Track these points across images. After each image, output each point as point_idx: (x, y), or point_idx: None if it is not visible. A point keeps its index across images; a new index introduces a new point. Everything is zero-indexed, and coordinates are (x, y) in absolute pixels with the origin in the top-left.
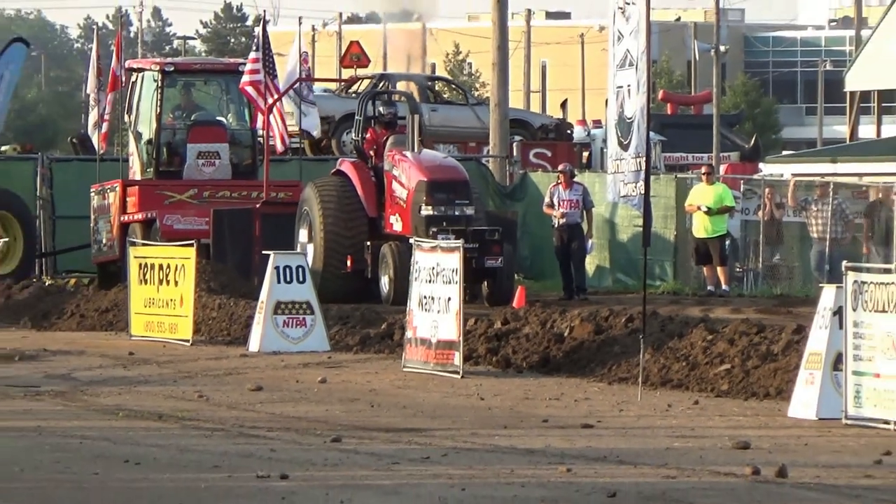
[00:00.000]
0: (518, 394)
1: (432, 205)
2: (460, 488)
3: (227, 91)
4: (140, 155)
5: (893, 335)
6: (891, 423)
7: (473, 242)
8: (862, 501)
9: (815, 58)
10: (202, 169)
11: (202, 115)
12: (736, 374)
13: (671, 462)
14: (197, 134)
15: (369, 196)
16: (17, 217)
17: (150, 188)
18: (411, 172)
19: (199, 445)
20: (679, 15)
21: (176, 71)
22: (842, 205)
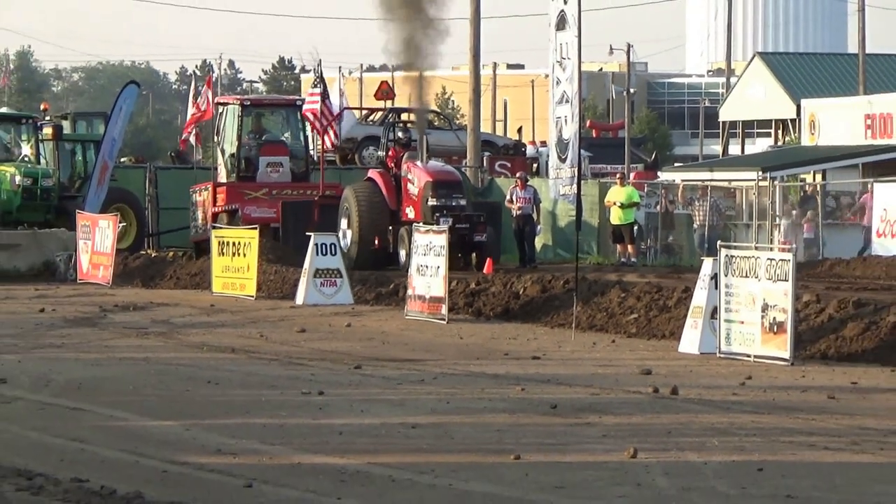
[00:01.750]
0: (487, 335)
1: (436, 198)
2: (446, 401)
3: (287, 119)
4: (225, 165)
5: (753, 293)
6: (751, 356)
7: (465, 223)
8: (731, 411)
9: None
10: (270, 175)
11: (270, 137)
12: (642, 321)
13: (596, 384)
14: (266, 150)
15: (391, 195)
16: (132, 208)
17: (234, 188)
18: (421, 175)
19: (261, 371)
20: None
21: (251, 105)
22: (716, 201)
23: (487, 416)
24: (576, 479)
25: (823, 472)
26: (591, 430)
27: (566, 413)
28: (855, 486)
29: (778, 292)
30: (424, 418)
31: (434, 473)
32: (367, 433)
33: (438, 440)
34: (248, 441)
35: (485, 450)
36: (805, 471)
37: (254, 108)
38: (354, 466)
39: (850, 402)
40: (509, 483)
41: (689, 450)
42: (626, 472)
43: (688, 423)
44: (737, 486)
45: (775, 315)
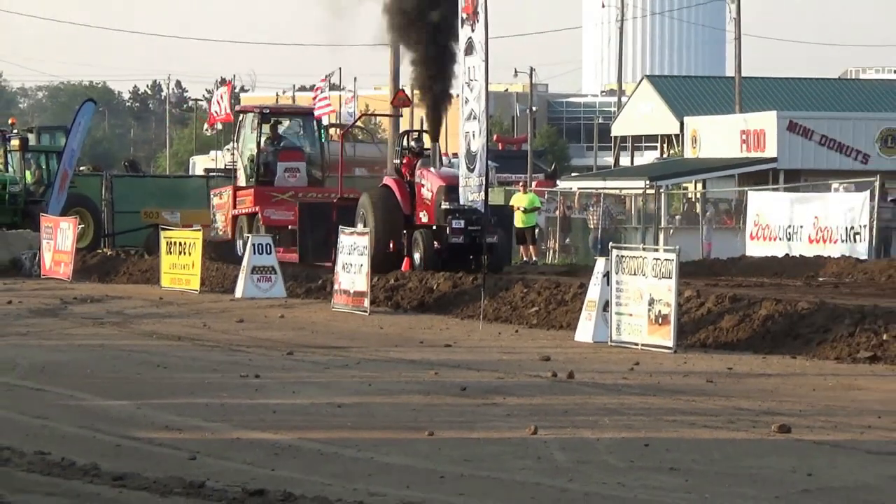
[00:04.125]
0: (404, 325)
1: (449, 201)
2: (368, 384)
3: (304, 126)
4: (244, 169)
5: (641, 289)
6: (639, 345)
7: (477, 226)
8: (621, 393)
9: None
10: (288, 179)
11: (288, 143)
12: (542, 313)
13: (501, 369)
14: (284, 155)
15: (405, 200)
16: (90, 212)
17: (260, 191)
18: (434, 181)
19: (204, 356)
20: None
21: (270, 112)
22: (609, 207)
23: (404, 397)
24: (483, 454)
25: (703, 448)
26: (497, 409)
27: (474, 394)
28: (730, 459)
29: (663, 288)
30: (349, 399)
31: (357, 448)
32: (298, 412)
33: (361, 418)
34: (192, 418)
35: (402, 427)
36: (686, 446)
37: (272, 116)
38: (287, 441)
39: (726, 385)
40: (424, 456)
41: (584, 427)
42: (527, 447)
43: (583, 403)
44: (626, 460)
45: (660, 308)
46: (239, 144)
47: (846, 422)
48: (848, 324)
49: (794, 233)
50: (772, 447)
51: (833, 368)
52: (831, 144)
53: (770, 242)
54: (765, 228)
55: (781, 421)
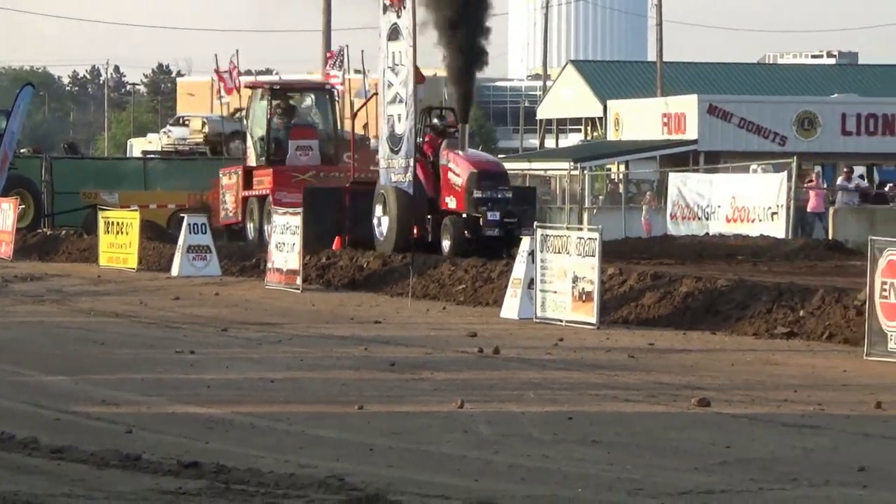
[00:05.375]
0: (335, 302)
1: (481, 190)
2: (300, 359)
3: (316, 102)
4: (254, 148)
5: (565, 267)
6: (563, 321)
7: (514, 218)
8: (545, 368)
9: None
10: (300, 158)
11: (299, 120)
12: (469, 291)
13: (429, 345)
14: (296, 133)
15: (429, 183)
16: (30, 192)
17: (280, 172)
18: (465, 166)
19: (140, 332)
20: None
21: (281, 88)
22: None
23: (335, 372)
24: (411, 426)
25: (625, 421)
26: (425, 384)
27: (403, 370)
28: (651, 432)
29: (586, 266)
30: (281, 374)
31: (289, 421)
32: (232, 386)
33: (293, 393)
34: (129, 393)
35: (333, 401)
36: (609, 419)
37: (283, 92)
38: (220, 415)
39: (647, 360)
40: (354, 429)
41: (509, 401)
42: (454, 420)
43: (508, 378)
44: (549, 433)
45: (584, 286)
46: (248, 122)
47: (763, 396)
48: (765, 301)
49: (713, 212)
50: (691, 420)
51: (751, 344)
52: (750, 127)
53: (689, 222)
54: (684, 208)
55: (701, 395)
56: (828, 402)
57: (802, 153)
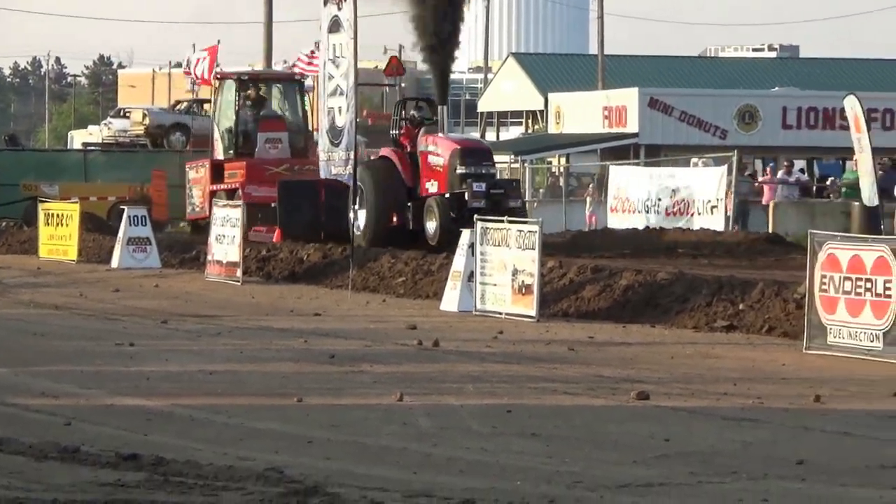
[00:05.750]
0: (275, 295)
1: (465, 166)
2: (239, 351)
3: (285, 93)
4: (221, 140)
5: (505, 260)
6: (502, 314)
7: (499, 189)
8: (484, 361)
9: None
10: (269, 151)
11: (269, 111)
12: (409, 283)
13: (369, 337)
14: (265, 125)
15: (407, 171)
16: None
17: (254, 165)
18: (447, 145)
19: (80, 324)
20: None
21: (249, 78)
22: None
23: (274, 364)
24: (350, 419)
25: (564, 414)
26: (364, 377)
27: (343, 362)
28: (590, 425)
29: (526, 259)
30: (221, 366)
31: (228, 413)
32: (171, 379)
33: (232, 385)
34: (68, 385)
35: (272, 393)
36: (548, 412)
37: (252, 82)
38: (160, 407)
39: (587, 353)
40: (293, 422)
41: (448, 394)
42: (393, 413)
43: (447, 371)
44: (489, 426)
45: (524, 279)
46: (215, 113)
47: (703, 389)
48: (705, 294)
49: (653, 205)
50: (631, 413)
51: (691, 337)
52: (691, 120)
53: (630, 215)
54: (625, 202)
55: (640, 388)
56: (767, 395)
57: (743, 147)
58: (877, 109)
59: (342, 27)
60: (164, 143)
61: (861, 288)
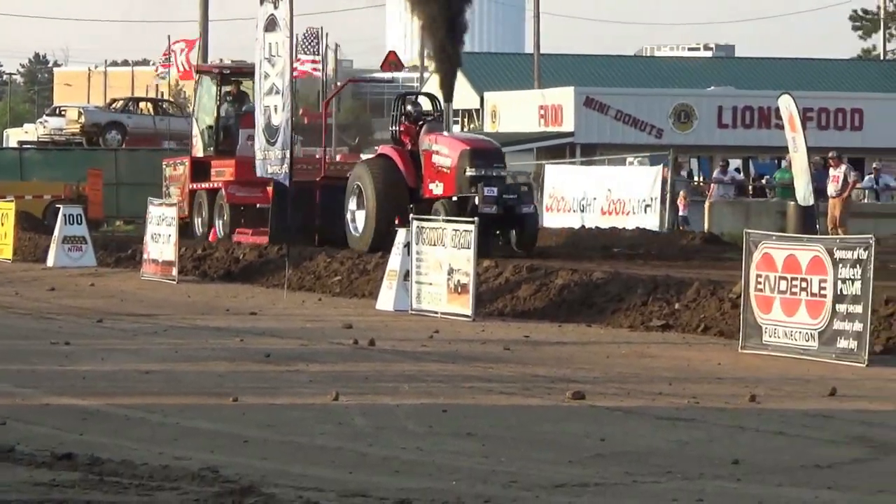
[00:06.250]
0: (212, 294)
1: (475, 167)
2: (175, 350)
3: None
4: (202, 136)
5: (440, 259)
6: (438, 313)
7: (513, 194)
8: (420, 360)
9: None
10: (251, 148)
11: (250, 107)
12: (345, 282)
13: (305, 336)
14: (247, 121)
15: (409, 171)
16: None
17: (244, 162)
18: (454, 145)
19: (15, 323)
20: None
21: (231, 73)
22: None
23: (210, 363)
24: (286, 418)
25: (499, 414)
26: (300, 376)
27: (278, 361)
28: (525, 425)
29: (462, 258)
30: (156, 365)
31: (163, 413)
32: (107, 378)
33: (168, 384)
34: (3, 385)
35: (208, 393)
36: (483, 412)
37: (233, 76)
38: (95, 407)
39: (522, 352)
40: (229, 421)
41: (384, 394)
42: (329, 412)
43: (383, 370)
44: (424, 426)
45: (459, 278)
46: (195, 109)
47: (638, 388)
48: (641, 293)
49: (588, 205)
50: (566, 413)
51: (627, 336)
52: (626, 119)
53: (565, 214)
54: (560, 200)
55: (576, 388)
56: (702, 394)
57: (679, 146)
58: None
59: (278, 26)
60: (100, 141)
61: (796, 287)
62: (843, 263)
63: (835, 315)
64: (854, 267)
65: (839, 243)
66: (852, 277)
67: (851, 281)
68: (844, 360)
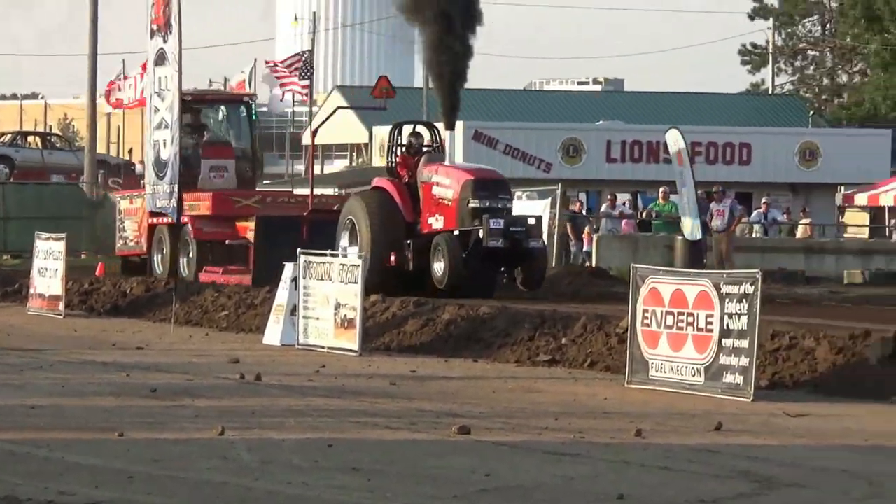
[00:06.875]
0: (98, 328)
1: (479, 199)
2: (61, 385)
3: (228, 116)
4: None
5: (327, 294)
6: (325, 348)
7: (519, 226)
8: (306, 395)
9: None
10: (213, 180)
11: (213, 136)
12: (232, 317)
13: (191, 371)
14: (209, 151)
15: (406, 205)
16: None
17: (221, 196)
18: (457, 175)
19: None
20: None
21: (193, 100)
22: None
23: (97, 398)
24: (171, 454)
25: (385, 448)
26: (186, 411)
27: (165, 396)
28: (411, 460)
29: (349, 293)
30: (42, 400)
31: (49, 448)
32: None
33: (54, 419)
34: None
35: (93, 427)
36: (369, 447)
37: (194, 104)
38: None
39: (409, 387)
40: (114, 456)
41: (270, 428)
42: (214, 447)
43: (269, 405)
44: (310, 460)
45: (346, 313)
46: None
47: (524, 423)
48: (528, 328)
49: None
50: (452, 448)
51: (513, 371)
52: (515, 154)
53: None
54: None
55: (462, 422)
56: (588, 429)
57: (567, 180)
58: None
59: (167, 60)
60: None
61: (683, 322)
62: (730, 298)
63: (721, 350)
64: (741, 301)
65: (726, 278)
66: (739, 312)
67: (738, 316)
68: (730, 394)
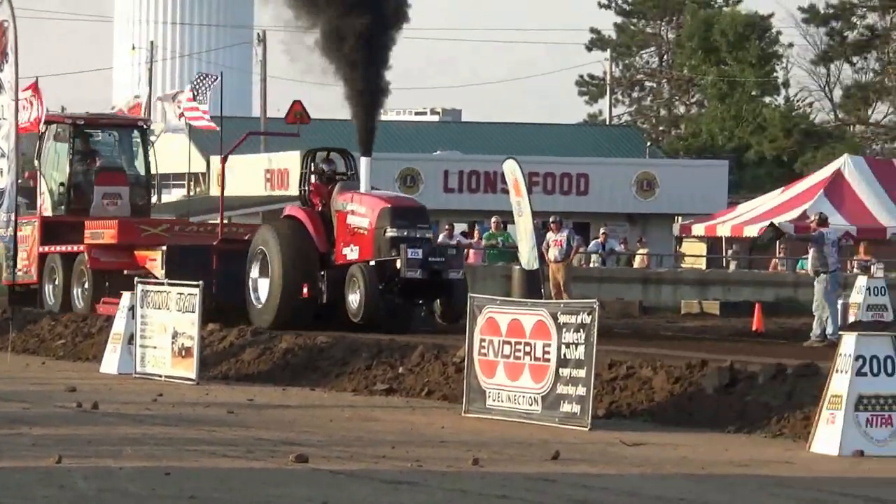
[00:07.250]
0: None
1: (396, 228)
2: None
3: (120, 140)
4: (51, 195)
5: (165, 322)
6: (163, 376)
7: (440, 257)
8: (144, 423)
9: None
10: (107, 208)
11: (107, 162)
12: (69, 345)
13: (28, 399)
14: (103, 178)
15: (320, 234)
16: None
17: (128, 224)
18: (373, 204)
19: None
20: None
21: (86, 123)
22: None
23: None
24: (8, 483)
25: (222, 477)
26: (22, 439)
27: (1, 424)
28: (249, 488)
29: (186, 322)
30: None
31: None
32: None
33: None
34: None
35: None
36: (207, 475)
37: (87, 128)
38: None
39: (246, 415)
40: None
41: (107, 456)
42: (51, 476)
43: (107, 433)
44: (147, 488)
45: (184, 341)
46: (42, 164)
47: (362, 451)
48: (365, 357)
49: None
50: (289, 476)
51: (351, 400)
52: None
53: None
54: None
55: (299, 451)
56: (425, 458)
57: None
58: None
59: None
60: None
61: (520, 352)
62: (567, 328)
63: (558, 379)
64: (578, 331)
65: (563, 308)
66: (576, 342)
67: (575, 345)
68: (568, 423)
